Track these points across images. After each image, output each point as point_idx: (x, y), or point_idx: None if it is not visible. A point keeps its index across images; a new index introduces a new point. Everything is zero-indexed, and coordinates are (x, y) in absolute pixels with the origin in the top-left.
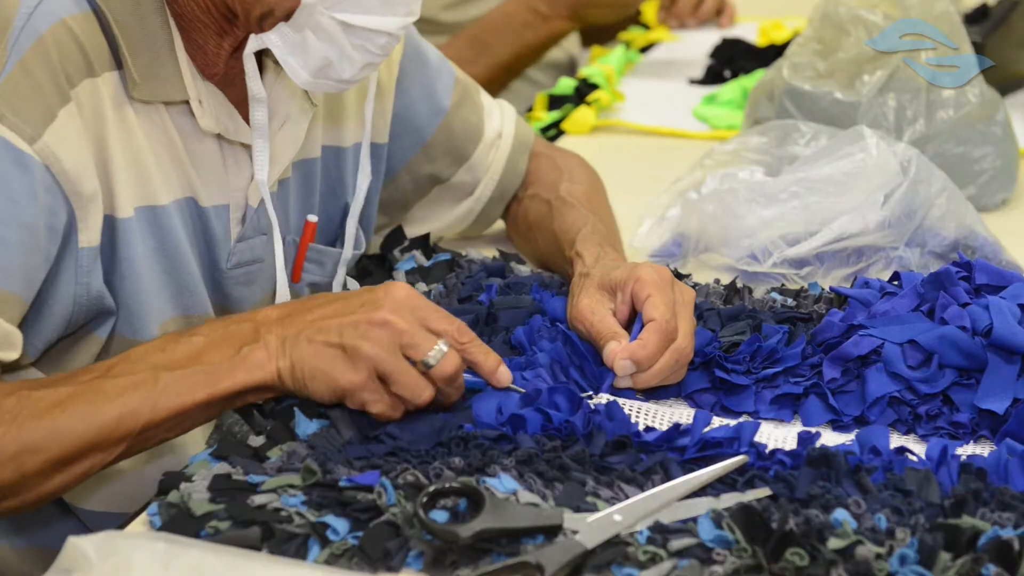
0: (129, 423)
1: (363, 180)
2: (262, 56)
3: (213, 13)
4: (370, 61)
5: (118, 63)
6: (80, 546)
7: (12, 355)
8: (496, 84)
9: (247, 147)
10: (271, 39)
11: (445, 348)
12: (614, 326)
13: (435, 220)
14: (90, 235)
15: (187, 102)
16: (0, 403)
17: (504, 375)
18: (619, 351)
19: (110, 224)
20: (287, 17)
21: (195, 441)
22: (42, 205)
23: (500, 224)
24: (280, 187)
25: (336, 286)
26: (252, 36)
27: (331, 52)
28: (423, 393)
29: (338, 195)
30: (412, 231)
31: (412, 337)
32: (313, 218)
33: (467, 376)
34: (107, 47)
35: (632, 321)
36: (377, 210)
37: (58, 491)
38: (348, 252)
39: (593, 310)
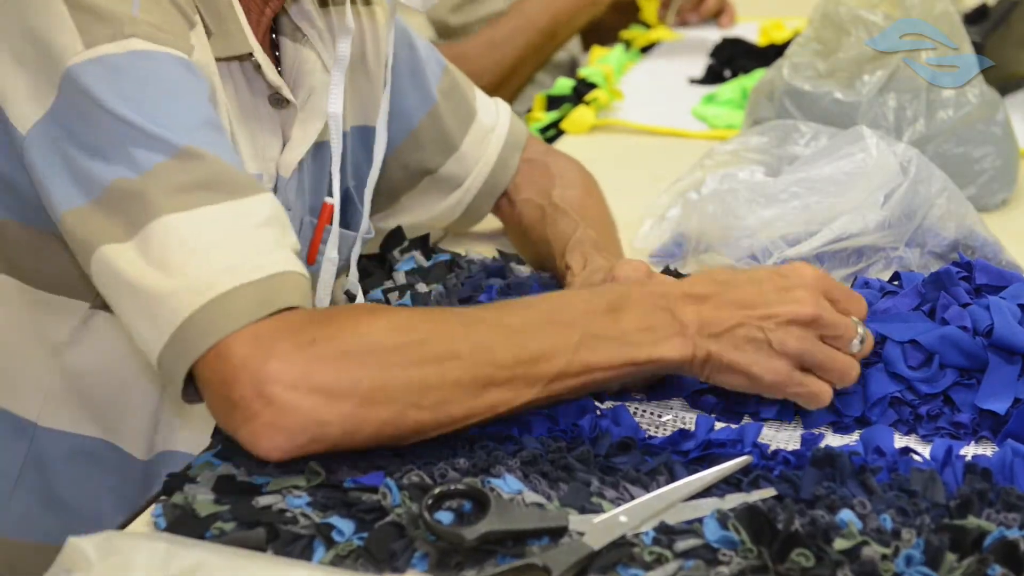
0: (546, 364)
1: (379, 154)
2: (278, 33)
3: None
4: None
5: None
6: (80, 546)
7: (296, 239)
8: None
9: (280, 114)
10: None
11: (862, 331)
12: None
13: (423, 211)
14: None
15: (247, 57)
16: (422, 310)
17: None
18: None
19: None
20: None
21: (199, 443)
22: (214, 109)
23: (500, 224)
24: (299, 166)
25: (352, 268)
26: None
27: None
28: (852, 373)
29: (341, 179)
30: (399, 221)
31: (836, 328)
32: (330, 200)
33: None
34: None
35: None
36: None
37: (464, 417)
38: (364, 229)
39: None
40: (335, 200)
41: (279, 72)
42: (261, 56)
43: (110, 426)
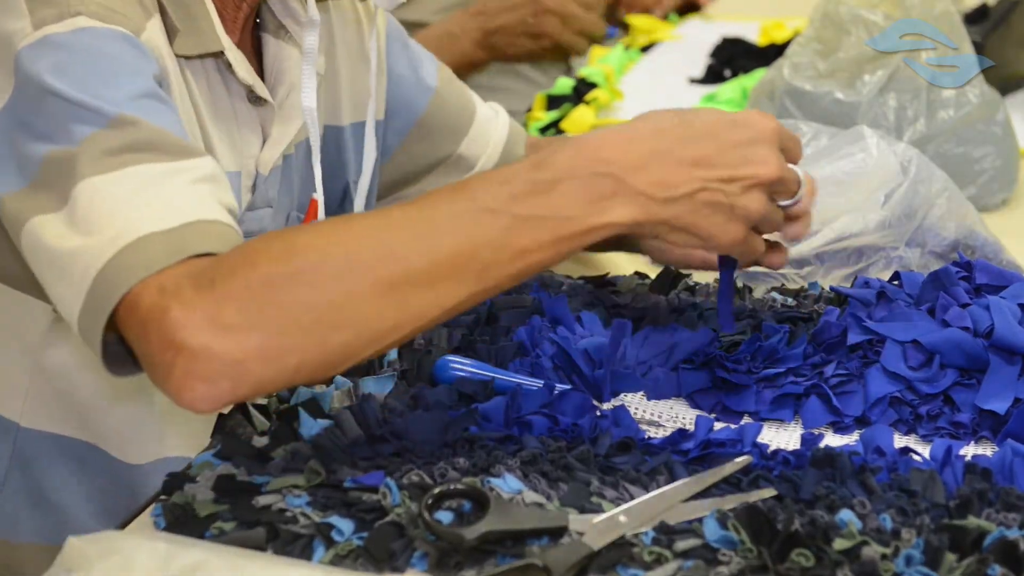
0: (468, 261)
1: (369, 155)
2: (262, 29)
3: None
4: None
5: (159, 9)
6: (80, 546)
7: (235, 203)
8: None
9: (259, 111)
10: None
11: (804, 183)
12: None
13: None
14: None
15: (219, 55)
16: (304, 229)
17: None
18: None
19: None
20: None
21: (199, 443)
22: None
23: None
24: (284, 162)
25: None
26: None
27: None
28: (781, 227)
29: (338, 175)
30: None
31: (789, 185)
32: (317, 196)
33: (474, 370)
34: None
35: None
36: (377, 191)
37: (390, 330)
38: None
39: None
40: (319, 195)
41: (261, 68)
42: (233, 54)
43: (93, 429)
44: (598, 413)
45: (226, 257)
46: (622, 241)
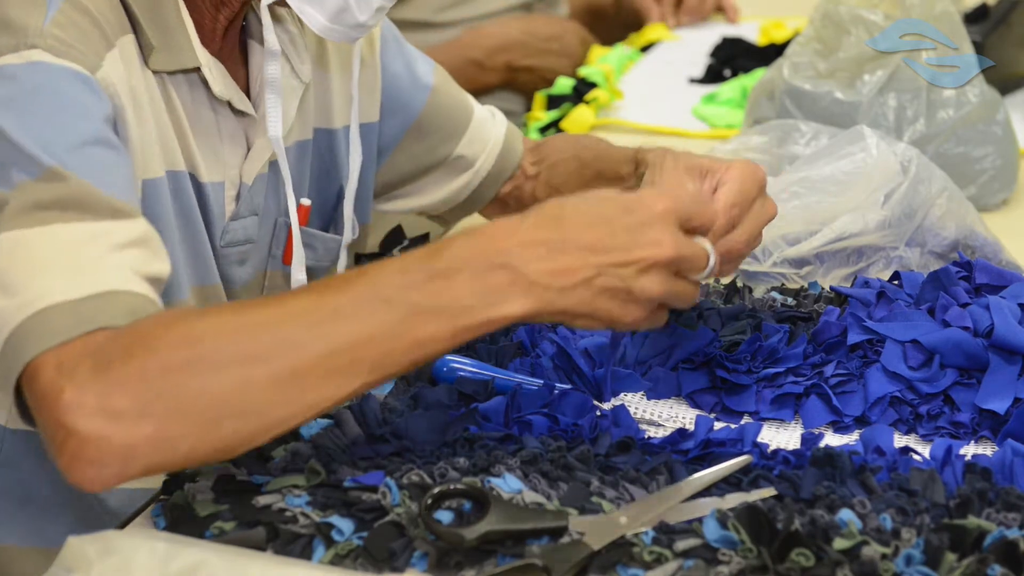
0: (364, 350)
1: (355, 161)
2: (245, 33)
3: None
4: (383, 4)
5: (133, 27)
6: (80, 546)
7: (167, 267)
8: None
9: (242, 122)
10: None
11: (713, 255)
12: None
13: (429, 194)
14: None
15: (195, 71)
16: (220, 312)
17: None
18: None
19: (147, 186)
20: None
21: None
22: (114, 131)
23: None
24: (271, 168)
25: (340, 270)
26: None
27: None
28: (694, 299)
29: (332, 178)
30: (404, 205)
31: (689, 261)
32: (306, 201)
33: (474, 370)
34: (124, 10)
35: None
36: (375, 192)
37: (281, 421)
38: (347, 236)
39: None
40: (292, 221)
41: (247, 76)
42: (210, 70)
43: None
44: (598, 413)
45: (127, 337)
46: None
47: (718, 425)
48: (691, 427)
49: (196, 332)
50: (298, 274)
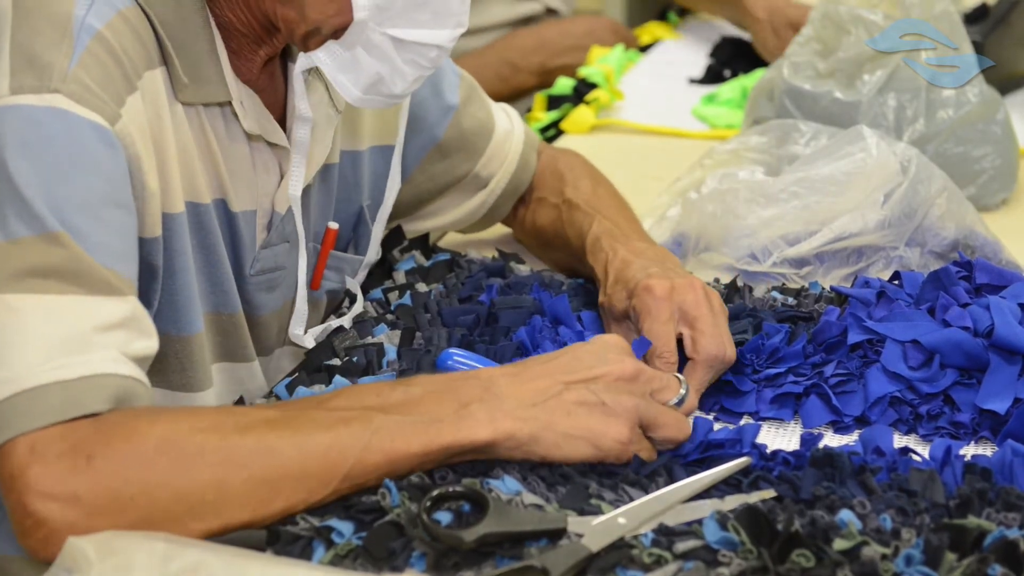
0: (337, 459)
1: (393, 184)
2: (286, 63)
3: (254, 26)
4: (420, 75)
5: (164, 60)
6: (80, 546)
7: (155, 344)
8: None
9: (276, 152)
10: (319, 57)
11: (685, 385)
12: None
13: (448, 214)
14: (145, 227)
15: (228, 104)
16: (201, 414)
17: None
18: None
19: (167, 221)
20: (336, 35)
21: None
22: (128, 186)
23: (498, 226)
24: (303, 194)
25: (354, 289)
26: (301, 55)
27: (383, 68)
28: (686, 430)
29: (353, 200)
30: (424, 226)
31: (659, 381)
32: (334, 225)
33: (475, 364)
34: (156, 42)
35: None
36: (396, 212)
37: (251, 523)
38: (372, 257)
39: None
40: (301, 269)
41: (286, 100)
42: (241, 104)
43: None
44: None
45: (107, 428)
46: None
47: (717, 426)
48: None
49: (177, 432)
50: (296, 328)
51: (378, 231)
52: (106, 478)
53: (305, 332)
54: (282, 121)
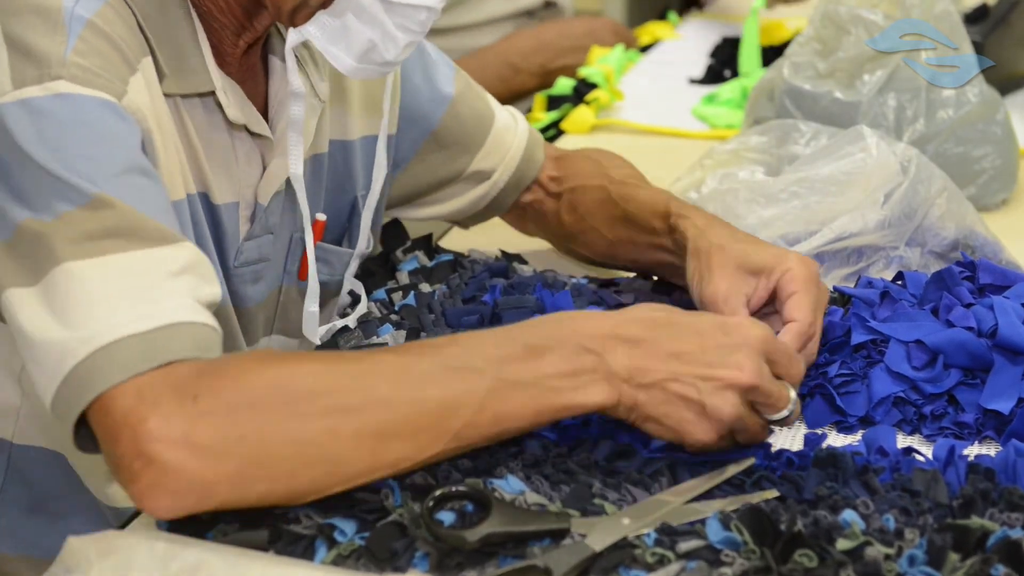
0: (450, 417)
1: (379, 174)
2: (266, 54)
3: (235, 11)
4: (411, 40)
5: (150, 50)
6: (80, 546)
7: (218, 291)
8: None
9: (258, 143)
10: (309, 31)
11: (794, 399)
12: None
13: (447, 204)
14: None
15: (210, 94)
16: (312, 358)
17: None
18: None
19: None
20: (325, 5)
21: None
22: (145, 156)
23: (500, 226)
24: (287, 187)
25: (346, 283)
26: (291, 31)
27: (374, 33)
28: (761, 439)
29: (346, 190)
30: (423, 214)
31: (769, 398)
32: (322, 216)
33: None
34: (141, 33)
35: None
36: (388, 203)
37: (361, 474)
38: (362, 248)
39: (727, 299)
40: (310, 257)
41: (267, 92)
42: (225, 94)
43: (70, 453)
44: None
45: (213, 371)
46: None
47: None
48: None
49: (287, 376)
50: (311, 307)
51: (367, 221)
52: (214, 417)
53: (318, 313)
54: (264, 114)
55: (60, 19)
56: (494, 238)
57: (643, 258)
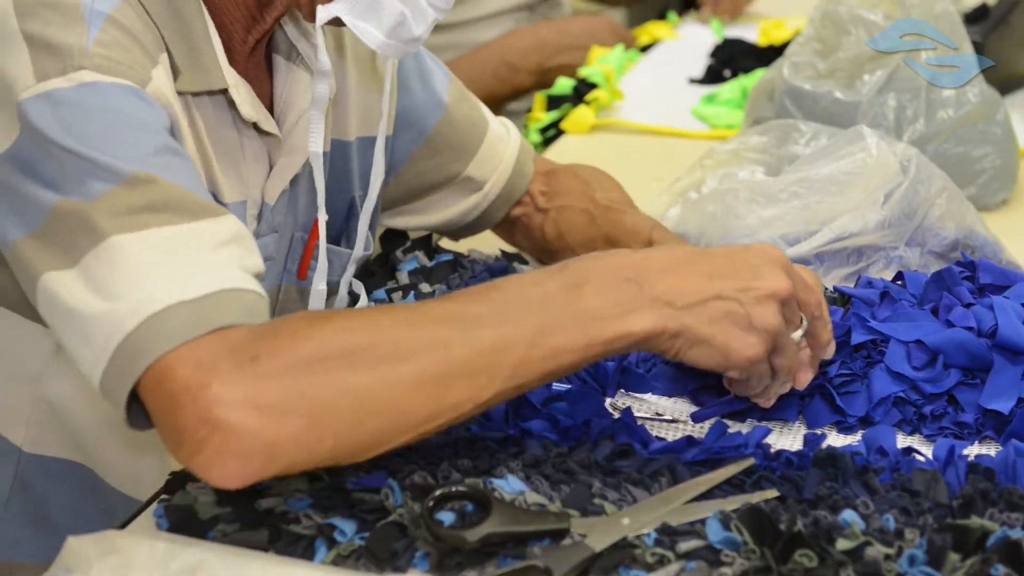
0: (505, 354)
1: (376, 178)
2: (270, 48)
3: (248, 2)
4: (437, 16)
5: (165, 47)
6: (80, 546)
7: (261, 263)
8: None
9: (266, 141)
10: (338, 7)
11: (807, 325)
12: None
13: (438, 213)
14: None
15: (222, 92)
16: (365, 311)
17: (830, 351)
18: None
19: None
20: None
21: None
22: (173, 138)
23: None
24: (291, 186)
25: (343, 284)
26: (320, 8)
27: (405, 7)
28: (798, 365)
29: (344, 190)
30: (414, 222)
31: (804, 309)
32: (320, 216)
33: None
34: (156, 30)
35: None
36: (382, 206)
37: (424, 421)
38: (359, 251)
39: None
40: (321, 230)
41: (272, 90)
42: (237, 91)
43: (93, 457)
44: (609, 411)
45: (268, 332)
46: None
47: (730, 430)
48: (691, 422)
49: (342, 327)
50: (319, 286)
51: (364, 224)
52: (275, 377)
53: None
54: (269, 112)
55: (79, 14)
56: (494, 238)
57: None
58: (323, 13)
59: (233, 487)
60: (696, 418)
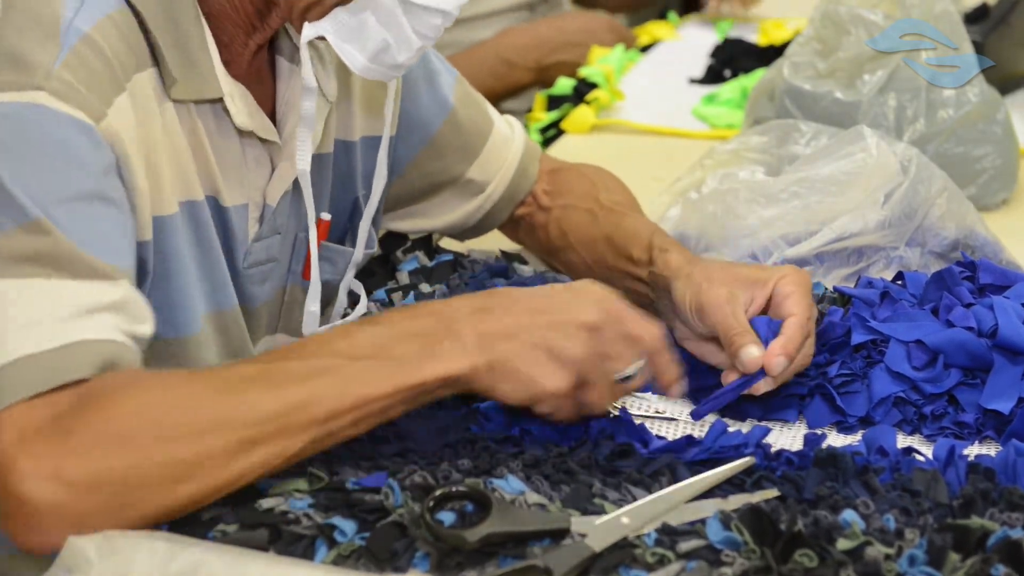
0: (315, 408)
1: (379, 180)
2: (274, 55)
3: (247, 9)
4: (423, 45)
5: (154, 60)
6: (80, 546)
7: (149, 329)
8: None
9: (267, 146)
10: (324, 27)
11: (642, 363)
12: (748, 325)
13: (441, 216)
14: (136, 230)
15: (219, 100)
16: (178, 378)
17: (676, 392)
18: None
19: (158, 224)
20: (343, 2)
21: None
22: (116, 182)
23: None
24: (295, 188)
25: (343, 286)
26: (306, 25)
27: (390, 34)
28: (609, 404)
29: (348, 190)
30: (415, 224)
31: (614, 346)
32: (326, 216)
33: None
34: (146, 43)
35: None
36: (384, 207)
37: (235, 480)
38: (360, 253)
39: (730, 301)
40: (313, 257)
41: (275, 95)
42: (232, 101)
43: None
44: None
45: (89, 400)
46: None
47: (731, 428)
48: (700, 433)
49: (155, 400)
50: (311, 307)
51: (366, 225)
52: (84, 452)
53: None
54: (272, 116)
55: (56, 29)
56: (494, 237)
57: (617, 285)
58: (309, 30)
59: (43, 554)
60: (695, 416)
